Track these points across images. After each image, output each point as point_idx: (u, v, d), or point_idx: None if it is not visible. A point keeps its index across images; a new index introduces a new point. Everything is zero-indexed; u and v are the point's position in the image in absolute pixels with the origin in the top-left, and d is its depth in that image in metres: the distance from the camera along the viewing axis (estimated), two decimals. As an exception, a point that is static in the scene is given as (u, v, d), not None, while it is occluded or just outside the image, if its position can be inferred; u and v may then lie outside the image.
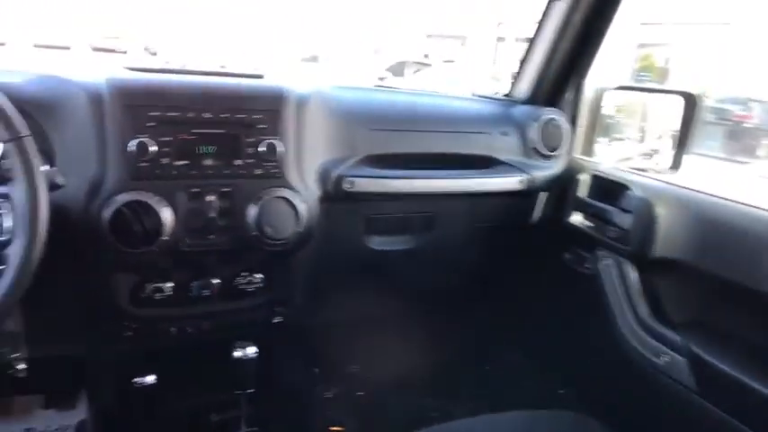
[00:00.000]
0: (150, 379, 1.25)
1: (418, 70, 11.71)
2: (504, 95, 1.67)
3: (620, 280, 1.35)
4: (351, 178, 1.27)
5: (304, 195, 1.21)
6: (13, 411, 1.65)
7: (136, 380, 1.25)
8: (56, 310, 1.20)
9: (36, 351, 1.22)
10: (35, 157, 0.87)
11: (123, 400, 1.37)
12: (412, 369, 1.95)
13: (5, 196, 0.86)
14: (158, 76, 1.17)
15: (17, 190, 0.86)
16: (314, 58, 13.75)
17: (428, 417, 1.75)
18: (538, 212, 1.58)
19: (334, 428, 1.71)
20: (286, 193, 1.18)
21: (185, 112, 1.10)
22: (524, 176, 1.45)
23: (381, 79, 11.01)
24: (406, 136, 1.38)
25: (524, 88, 1.62)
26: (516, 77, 1.65)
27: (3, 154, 1.11)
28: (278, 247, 1.19)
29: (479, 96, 1.65)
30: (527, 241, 1.66)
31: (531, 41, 1.58)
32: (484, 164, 1.46)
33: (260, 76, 1.31)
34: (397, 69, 11.79)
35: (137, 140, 1.06)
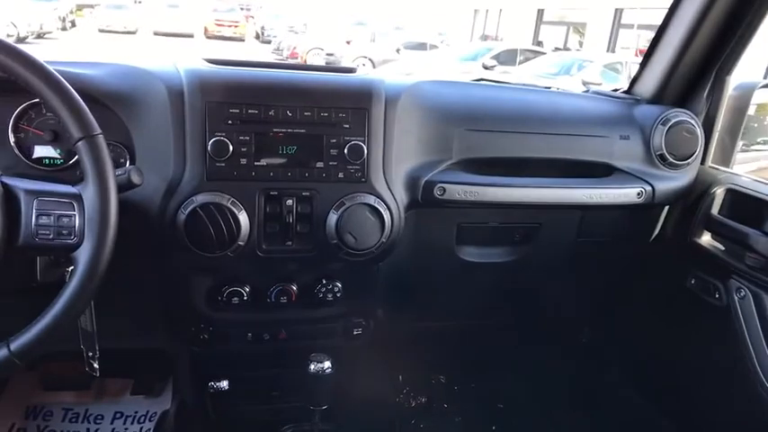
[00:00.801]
0: (224, 384, 1.21)
1: (528, 59, 11.24)
2: (625, 92, 1.45)
3: (764, 319, 1.12)
4: (442, 185, 1.15)
5: (390, 202, 1.10)
6: (105, 394, 1.71)
7: (211, 383, 1.21)
8: (134, 308, 1.19)
9: (121, 343, 1.21)
10: (107, 157, 0.83)
11: (199, 400, 1.35)
12: (499, 389, 1.82)
13: (76, 197, 0.82)
14: (239, 69, 1.11)
15: (88, 191, 0.82)
16: (421, 45, 13.63)
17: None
18: (658, 229, 1.37)
19: None
20: (370, 199, 1.08)
21: (266, 110, 1.03)
22: (646, 188, 1.25)
23: (487, 68, 10.70)
24: (509, 138, 1.22)
25: (649, 85, 1.40)
26: (639, 72, 1.43)
27: (74, 153, 1.12)
28: (359, 257, 1.09)
29: (595, 93, 1.45)
30: (643, 261, 1.45)
31: (660, 30, 1.36)
32: (599, 172, 1.28)
33: (351, 71, 1.21)
34: (507, 57, 11.40)
35: (215, 139, 1.00)
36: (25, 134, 1.11)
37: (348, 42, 15.46)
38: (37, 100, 1.09)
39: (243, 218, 1.03)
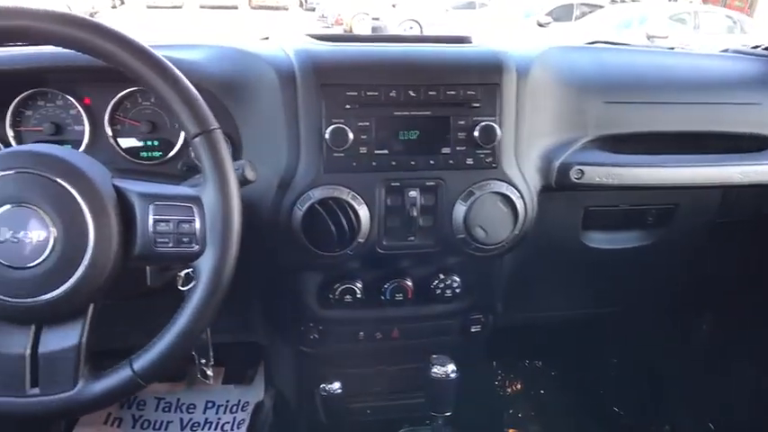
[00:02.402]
0: (336, 386, 1.13)
1: (585, 13, 10.68)
2: (770, 49, 1.26)
3: None
4: (580, 167, 1.01)
5: (523, 189, 0.98)
6: (195, 382, 1.67)
7: (323, 386, 1.14)
8: (236, 306, 1.12)
9: (217, 338, 1.15)
10: (227, 154, 0.73)
11: (308, 400, 1.28)
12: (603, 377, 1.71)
13: (195, 200, 0.73)
14: (352, 46, 0.99)
15: (207, 192, 0.73)
16: (470, 4, 13.14)
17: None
18: None
19: None
20: (502, 187, 0.96)
21: (387, 91, 0.91)
22: None
23: (542, 25, 10.22)
24: (650, 110, 1.07)
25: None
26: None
27: (173, 144, 1.03)
28: (488, 252, 0.98)
29: (736, 52, 1.27)
30: None
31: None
32: (745, 145, 1.11)
33: (466, 40, 1.08)
34: (561, 13, 10.85)
35: (333, 126, 0.89)
36: (121, 126, 1.03)
37: (394, 6, 15.07)
38: (133, 89, 1.01)
39: (363, 213, 0.93)
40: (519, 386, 1.84)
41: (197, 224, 0.72)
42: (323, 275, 1.06)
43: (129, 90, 1.00)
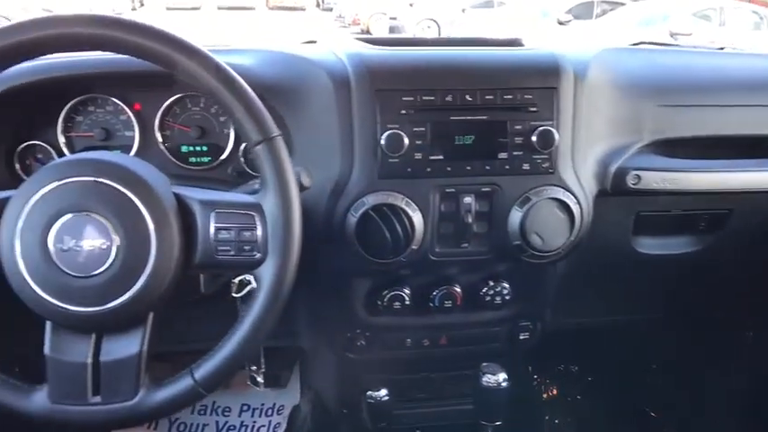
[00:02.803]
0: (382, 393, 1.12)
1: (606, 11, 10.56)
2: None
3: None
4: (636, 172, 0.98)
5: (579, 195, 0.96)
6: (230, 384, 1.67)
7: (369, 393, 1.12)
8: (288, 313, 1.11)
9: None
10: (288, 162, 0.72)
11: (349, 406, 1.27)
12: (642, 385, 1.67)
13: (257, 207, 0.72)
14: (406, 50, 0.97)
15: (268, 200, 0.72)
16: (488, 3, 13.05)
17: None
18: None
19: None
20: (559, 193, 0.94)
21: (443, 96, 0.89)
22: None
23: (562, 23, 10.13)
24: (706, 113, 1.04)
25: None
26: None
27: (222, 149, 1.03)
28: (544, 259, 0.96)
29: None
30: None
31: None
32: None
33: (517, 42, 1.06)
34: (582, 11, 10.75)
35: (389, 132, 0.88)
36: (171, 131, 1.03)
37: (411, 5, 15.04)
38: (182, 95, 1.00)
39: (417, 219, 0.91)
40: (554, 392, 1.81)
41: (258, 232, 0.72)
42: (371, 282, 1.04)
43: (178, 95, 1.00)
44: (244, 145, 1.03)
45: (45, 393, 0.71)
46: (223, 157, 1.03)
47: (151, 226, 0.68)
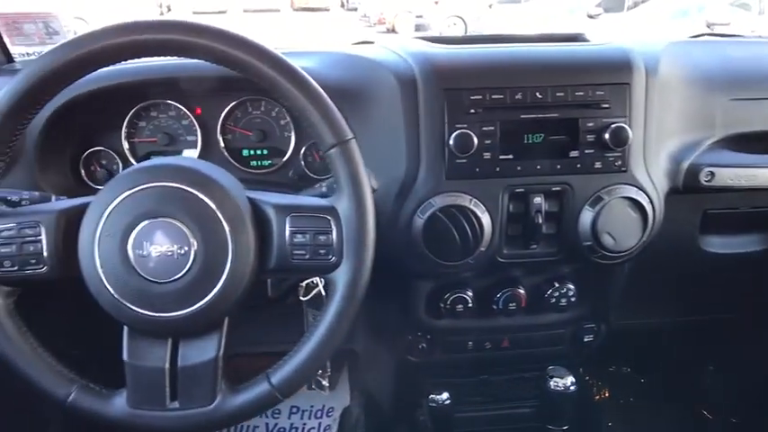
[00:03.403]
0: (444, 396, 1.10)
1: (638, 3, 10.34)
2: None
3: None
4: (710, 168, 0.95)
5: (651, 194, 0.93)
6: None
7: (431, 396, 1.11)
8: None
9: None
10: (362, 165, 0.71)
11: (406, 409, 1.26)
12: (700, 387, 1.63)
13: (331, 211, 0.71)
14: (469, 48, 0.95)
15: (342, 203, 0.71)
16: (516, -1, 12.90)
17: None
18: None
19: None
20: (631, 191, 0.91)
21: (513, 94, 0.87)
22: None
23: (592, 17, 9.95)
24: None
25: None
26: None
27: (282, 153, 1.02)
28: (615, 259, 0.93)
29: None
30: None
31: None
32: None
33: (581, 38, 1.03)
34: (612, 3, 10.54)
35: (458, 132, 0.86)
36: (232, 135, 1.03)
37: (436, 2, 14.96)
38: (243, 99, 1.00)
39: (486, 220, 0.90)
40: (606, 394, 1.78)
41: (333, 235, 0.71)
42: (433, 284, 1.03)
43: (239, 99, 1.00)
44: (304, 148, 1.03)
45: (124, 398, 0.71)
46: (284, 160, 1.02)
47: (228, 230, 0.67)
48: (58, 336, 0.80)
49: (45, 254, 0.68)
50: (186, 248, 0.67)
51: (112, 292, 0.67)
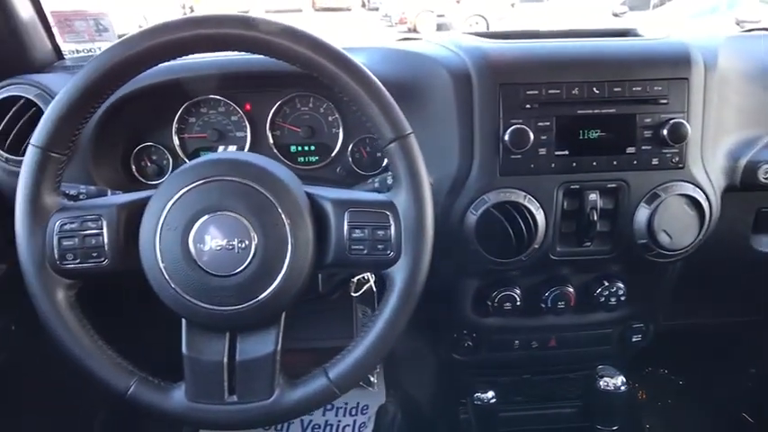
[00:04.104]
0: (489, 395, 1.09)
1: (664, 1, 10.18)
2: None
3: None
4: None
5: (708, 191, 0.91)
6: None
7: (477, 395, 1.10)
8: None
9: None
10: (421, 160, 0.71)
11: (447, 407, 1.25)
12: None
13: (390, 206, 0.71)
14: (523, 43, 0.94)
15: (400, 198, 0.70)
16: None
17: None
18: None
19: None
20: (688, 189, 0.89)
21: (569, 89, 0.86)
22: None
23: (617, 15, 9.82)
24: None
25: None
26: None
27: (330, 149, 1.02)
28: (670, 258, 0.92)
29: None
30: None
31: None
32: None
33: (632, 32, 1.01)
34: (637, 1, 10.39)
35: (514, 127, 0.85)
36: (281, 132, 1.03)
37: (458, 1, 14.88)
38: (292, 95, 1.00)
39: (540, 217, 0.89)
40: (644, 395, 1.75)
41: (392, 230, 0.70)
42: (480, 282, 1.02)
43: (289, 96, 1.00)
44: (351, 145, 1.03)
45: (182, 392, 0.71)
46: (332, 156, 1.02)
47: (288, 225, 0.67)
48: (115, 329, 0.80)
49: (106, 247, 0.69)
50: (247, 243, 0.67)
51: (173, 285, 0.67)
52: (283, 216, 0.67)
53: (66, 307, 0.70)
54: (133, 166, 1.03)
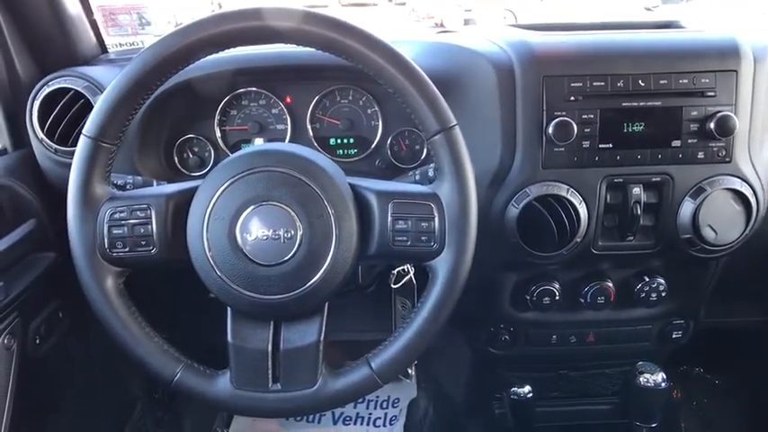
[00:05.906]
0: (526, 389, 1.09)
1: (699, -6, 9.94)
2: None
3: None
4: None
5: (756, 185, 0.89)
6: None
7: (513, 389, 1.09)
8: None
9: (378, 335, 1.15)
10: (466, 151, 0.71)
11: (482, 402, 1.25)
12: None
13: (434, 197, 0.71)
14: (566, 35, 0.93)
15: (444, 189, 0.71)
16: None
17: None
18: None
19: None
20: (735, 183, 0.88)
21: (614, 81, 0.85)
22: None
23: (649, 9, 9.62)
24: None
25: None
26: None
27: (369, 142, 1.03)
28: (715, 253, 0.90)
29: None
30: None
31: None
32: None
33: (675, 24, 1.00)
34: (670, -5, 10.17)
35: (558, 119, 0.85)
36: (320, 124, 1.04)
37: (486, -5, 14.72)
38: (332, 88, 1.01)
39: (582, 210, 0.88)
40: (679, 394, 1.72)
41: (436, 222, 0.70)
42: (519, 275, 1.01)
43: (328, 89, 1.01)
44: (391, 138, 1.03)
45: (227, 379, 0.72)
46: (371, 149, 1.03)
47: (333, 216, 0.68)
48: (162, 317, 0.82)
49: (154, 236, 0.70)
50: (292, 233, 0.68)
51: (219, 274, 0.68)
52: (328, 207, 0.68)
53: (116, 294, 0.72)
54: (176, 158, 1.05)
